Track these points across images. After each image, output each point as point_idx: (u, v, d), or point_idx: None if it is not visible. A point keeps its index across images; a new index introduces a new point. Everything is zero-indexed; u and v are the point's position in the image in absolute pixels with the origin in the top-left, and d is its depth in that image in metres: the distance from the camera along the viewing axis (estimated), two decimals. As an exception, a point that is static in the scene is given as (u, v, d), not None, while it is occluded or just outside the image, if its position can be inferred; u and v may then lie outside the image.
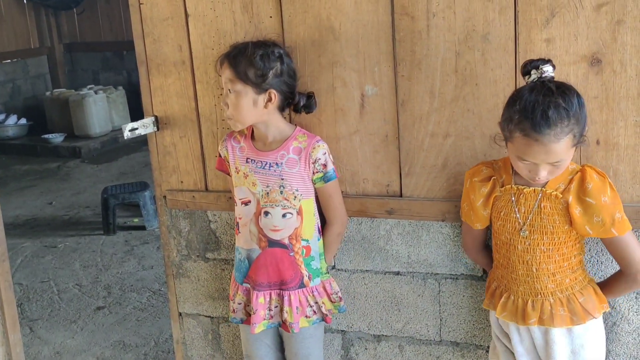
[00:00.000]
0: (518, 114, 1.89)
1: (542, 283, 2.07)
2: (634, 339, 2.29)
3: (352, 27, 2.35)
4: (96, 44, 10.77)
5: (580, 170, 2.02)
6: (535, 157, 1.89)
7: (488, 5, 2.18)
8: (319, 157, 2.34)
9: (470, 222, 2.21)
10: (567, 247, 2.06)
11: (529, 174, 1.95)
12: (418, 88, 2.32)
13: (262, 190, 2.35)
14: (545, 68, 1.93)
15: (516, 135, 1.91)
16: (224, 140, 2.47)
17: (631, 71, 2.09)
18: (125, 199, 5.95)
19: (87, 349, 3.95)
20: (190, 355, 2.97)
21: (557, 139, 1.85)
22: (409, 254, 2.49)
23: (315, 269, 2.41)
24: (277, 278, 2.39)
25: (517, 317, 2.10)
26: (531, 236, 2.05)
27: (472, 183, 2.15)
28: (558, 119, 1.84)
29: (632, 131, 2.13)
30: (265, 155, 2.36)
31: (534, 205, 2.04)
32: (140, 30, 2.65)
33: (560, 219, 2.02)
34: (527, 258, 2.07)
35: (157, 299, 4.53)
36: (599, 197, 1.97)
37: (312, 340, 2.49)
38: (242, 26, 2.49)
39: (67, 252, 5.52)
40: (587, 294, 2.07)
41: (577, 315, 2.05)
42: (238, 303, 2.48)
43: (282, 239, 2.36)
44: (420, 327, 2.55)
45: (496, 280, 2.20)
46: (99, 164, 8.41)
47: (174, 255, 2.86)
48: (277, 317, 2.43)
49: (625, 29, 2.06)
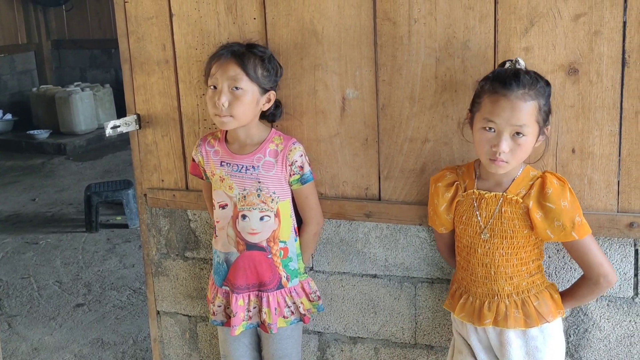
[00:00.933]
0: (490, 80, 1.99)
1: (500, 285, 2.10)
2: (605, 345, 2.32)
3: (334, 31, 2.37)
4: (84, 41, 10.75)
5: (541, 176, 2.05)
6: (501, 114, 1.94)
7: (469, 12, 2.21)
8: (296, 159, 2.35)
9: (435, 226, 2.25)
10: (525, 252, 2.09)
11: (490, 149, 1.97)
12: (398, 93, 2.34)
13: (238, 194, 2.35)
14: (520, 61, 2.03)
15: (484, 99, 1.98)
16: (198, 145, 2.46)
17: (607, 82, 2.12)
18: (108, 196, 5.94)
19: (65, 346, 3.94)
20: (167, 353, 2.97)
21: (523, 98, 1.93)
22: (386, 257, 2.51)
23: (293, 270, 2.43)
24: (256, 280, 2.39)
25: (474, 318, 2.14)
26: (491, 240, 2.08)
27: (436, 188, 2.19)
28: (527, 81, 1.94)
29: (607, 140, 2.16)
30: (241, 159, 2.36)
31: (495, 209, 2.08)
32: (124, 29, 2.66)
33: (520, 223, 2.06)
34: (486, 261, 2.10)
35: (137, 297, 4.53)
36: (558, 202, 2.00)
37: (290, 341, 2.50)
38: (226, 27, 2.50)
39: (49, 249, 5.51)
40: (542, 298, 2.11)
41: (530, 318, 2.09)
42: (218, 306, 2.48)
43: (260, 241, 2.37)
44: (395, 330, 2.57)
45: (457, 282, 2.25)
46: (83, 162, 8.39)
47: (154, 254, 2.86)
48: (256, 318, 2.44)
49: (602, 39, 2.10)
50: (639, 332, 2.27)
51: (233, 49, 2.29)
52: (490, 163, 2.00)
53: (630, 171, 2.16)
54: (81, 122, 9.07)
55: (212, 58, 2.31)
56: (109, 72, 10.57)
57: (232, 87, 2.25)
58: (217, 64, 2.27)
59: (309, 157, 2.46)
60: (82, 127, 9.09)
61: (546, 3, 2.12)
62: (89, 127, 9.18)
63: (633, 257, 2.23)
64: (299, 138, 2.46)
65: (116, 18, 2.67)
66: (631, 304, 2.26)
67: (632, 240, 2.21)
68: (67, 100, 8.97)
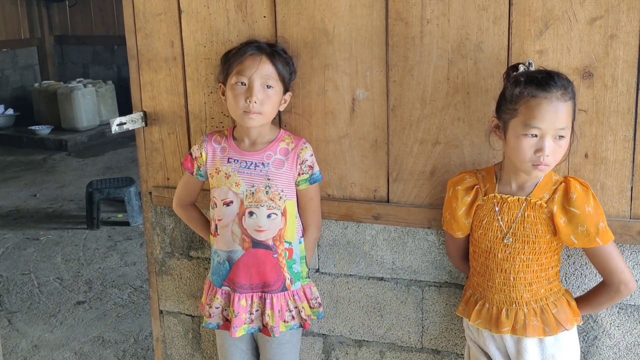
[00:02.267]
0: (523, 84, 1.94)
1: (519, 292, 2.07)
2: (614, 353, 2.29)
3: (345, 31, 2.34)
4: (87, 37, 10.72)
5: (564, 180, 2.03)
6: (545, 118, 1.90)
7: (482, 14, 2.18)
8: (307, 158, 2.34)
9: (452, 230, 2.21)
10: (546, 258, 2.07)
11: (533, 155, 1.93)
12: (409, 94, 2.32)
13: (246, 190, 2.33)
14: (532, 63, 2.02)
15: (522, 104, 1.93)
16: (204, 141, 2.42)
17: (622, 86, 2.09)
18: (110, 194, 5.92)
19: (65, 344, 3.92)
20: (169, 353, 2.94)
21: (563, 98, 1.91)
22: (393, 260, 2.48)
23: (296, 273, 2.40)
24: (260, 280, 2.36)
25: (491, 325, 2.11)
26: (513, 245, 2.05)
27: (455, 191, 2.16)
28: (562, 82, 1.93)
29: (620, 146, 2.14)
30: (251, 155, 2.34)
31: (517, 214, 2.05)
32: (132, 25, 2.64)
33: (543, 228, 2.03)
34: (506, 266, 2.07)
35: (139, 295, 4.51)
36: (583, 207, 1.98)
37: (288, 347, 2.46)
38: (236, 25, 2.47)
39: (49, 245, 5.48)
40: (560, 306, 2.08)
41: (549, 326, 2.06)
42: (216, 307, 2.43)
43: (267, 239, 2.34)
44: (402, 333, 2.54)
45: (471, 288, 2.21)
46: (85, 158, 8.37)
47: (157, 252, 2.84)
48: (258, 322, 2.40)
49: (618, 43, 2.07)
50: (649, 340, 2.25)
51: (260, 46, 2.28)
52: (534, 169, 1.96)
53: (644, 177, 2.14)
54: (83, 118, 9.05)
55: (238, 54, 2.28)
56: (112, 69, 10.55)
57: (264, 85, 2.25)
58: (249, 60, 2.25)
59: (317, 158, 2.43)
60: (84, 124, 9.07)
61: (562, 5, 2.09)
62: (91, 123, 9.15)
63: (645, 265, 2.20)
64: (308, 138, 2.43)
65: (124, 14, 2.64)
66: (642, 311, 2.24)
67: (644, 247, 2.19)
68: (69, 96, 8.94)
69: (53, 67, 10.83)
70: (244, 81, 2.25)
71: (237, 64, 2.27)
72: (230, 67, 2.29)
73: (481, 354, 2.20)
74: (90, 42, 10.70)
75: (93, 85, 9.35)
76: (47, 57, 10.75)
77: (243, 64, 2.26)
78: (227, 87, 2.30)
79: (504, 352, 2.14)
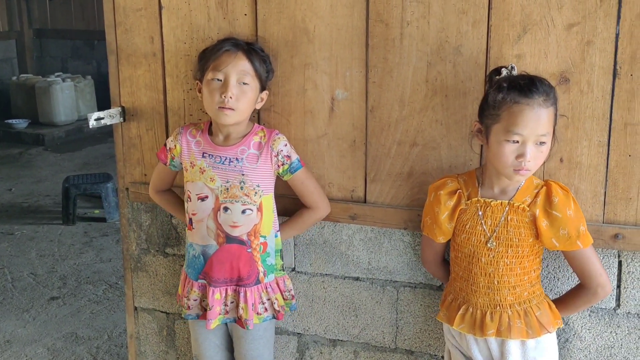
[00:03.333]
0: (505, 90, 1.94)
1: (502, 295, 2.08)
2: (585, 356, 2.32)
3: (326, 30, 2.35)
4: (67, 32, 10.63)
5: (545, 184, 2.05)
6: (527, 125, 1.91)
7: (462, 17, 2.20)
8: (281, 149, 2.33)
9: (433, 235, 2.20)
10: (528, 261, 2.08)
11: (514, 161, 1.94)
12: (388, 95, 2.33)
13: (221, 186, 2.32)
14: (514, 67, 2.03)
15: (504, 110, 1.94)
16: (179, 133, 2.42)
17: (598, 92, 2.12)
18: (87, 189, 5.88)
19: (38, 339, 3.88)
20: (143, 350, 2.93)
21: (545, 104, 1.92)
22: (369, 260, 2.49)
23: (270, 265, 2.40)
24: (234, 274, 2.36)
25: (475, 329, 2.12)
26: (496, 249, 2.06)
27: (437, 196, 2.15)
28: (544, 88, 1.93)
29: (595, 151, 2.16)
30: (225, 151, 2.33)
31: (500, 217, 2.06)
32: (112, 19, 2.62)
33: (526, 231, 2.05)
34: (489, 270, 2.08)
35: (113, 292, 4.48)
36: (564, 211, 2.00)
37: (262, 342, 2.47)
38: (216, 22, 2.47)
39: (24, 240, 5.43)
40: (543, 308, 2.10)
41: (532, 329, 2.07)
42: (193, 299, 2.44)
43: (241, 235, 2.34)
44: (376, 333, 2.55)
45: (453, 292, 2.21)
46: (62, 153, 8.30)
47: (133, 249, 2.83)
48: (233, 313, 2.41)
49: (595, 50, 2.10)
50: (619, 344, 2.28)
51: (237, 42, 2.28)
52: (515, 174, 1.97)
53: (617, 182, 2.16)
54: (61, 113, 8.97)
55: (214, 50, 2.28)
56: (91, 64, 10.47)
57: (240, 81, 2.24)
58: (225, 56, 2.25)
59: (295, 157, 2.43)
60: (62, 118, 8.99)
61: (540, 11, 2.12)
62: (69, 118, 9.08)
63: (617, 269, 2.23)
64: (286, 137, 2.43)
65: (104, 8, 2.62)
66: (613, 315, 2.27)
67: (616, 252, 2.22)
68: (47, 90, 8.87)
69: (32, 61, 10.72)
70: (219, 77, 2.24)
71: (213, 59, 2.26)
72: (206, 63, 2.29)
73: (464, 359, 2.21)
74: (70, 36, 10.61)
75: (72, 80, 9.27)
76: (26, 50, 10.64)
77: (219, 60, 2.25)
78: (203, 83, 2.29)
79: (487, 356, 2.14)
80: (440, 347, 2.47)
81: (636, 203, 2.16)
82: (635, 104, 2.10)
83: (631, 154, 2.13)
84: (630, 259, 2.21)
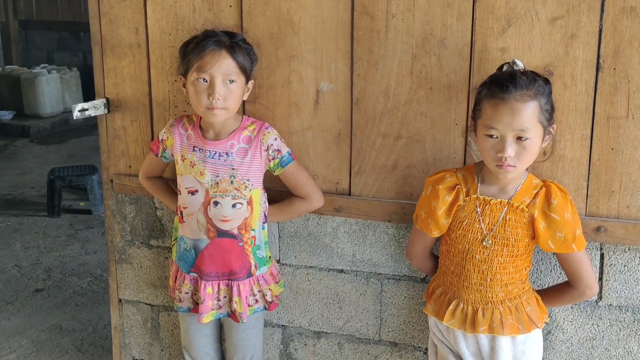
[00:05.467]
0: (487, 85, 1.96)
1: (495, 292, 2.08)
2: (567, 347, 2.34)
3: (311, 23, 2.35)
4: (52, 23, 10.56)
5: (544, 185, 2.05)
6: (500, 119, 1.91)
7: (447, 10, 2.20)
8: (271, 142, 2.33)
9: (428, 229, 2.16)
10: (521, 260, 2.08)
11: (496, 155, 1.94)
12: (373, 88, 2.33)
13: (211, 180, 2.32)
14: (517, 62, 2.02)
15: (484, 104, 1.95)
16: (172, 125, 2.42)
17: (581, 85, 2.13)
18: (72, 181, 5.84)
19: (22, 331, 3.86)
20: (127, 342, 2.93)
21: (522, 99, 1.89)
22: (353, 253, 2.50)
23: (261, 258, 2.41)
24: (226, 268, 2.37)
25: (466, 325, 2.11)
26: (492, 247, 2.06)
27: (435, 190, 2.12)
28: (524, 82, 1.90)
29: (578, 144, 2.17)
30: (214, 145, 2.33)
31: (499, 216, 2.05)
32: (96, 10, 2.61)
33: (523, 232, 2.04)
34: (483, 268, 2.08)
35: (98, 284, 4.46)
36: (562, 214, 2.00)
37: (254, 332, 2.49)
38: (201, 13, 2.46)
39: (9, 232, 5.40)
40: (532, 304, 2.12)
41: (523, 324, 2.09)
42: (185, 292, 2.44)
43: (232, 229, 2.34)
44: (360, 325, 2.56)
45: (442, 286, 2.20)
46: (47, 145, 8.25)
47: (118, 241, 2.82)
48: (226, 307, 2.41)
49: (578, 43, 2.10)
50: (600, 336, 2.30)
51: (220, 40, 2.24)
52: (498, 169, 1.97)
53: (600, 176, 2.18)
54: (46, 104, 8.92)
55: (197, 49, 2.23)
56: (77, 56, 10.41)
57: (226, 80, 2.23)
58: (209, 56, 2.21)
59: (280, 149, 2.43)
60: (48, 110, 8.94)
61: (524, 4, 2.12)
62: (55, 110, 9.03)
63: (599, 261, 2.25)
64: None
65: (89, -1, 2.61)
66: (595, 307, 2.28)
67: (599, 245, 2.23)
68: (32, 82, 8.81)
69: (17, 52, 10.66)
70: (205, 77, 2.22)
71: (196, 59, 2.23)
72: (190, 62, 2.25)
73: (450, 353, 2.21)
74: (56, 27, 10.55)
75: (57, 71, 9.22)
76: (11, 41, 10.57)
77: (203, 60, 2.22)
78: (188, 82, 2.27)
79: (475, 351, 2.14)
80: (424, 339, 2.48)
81: (618, 196, 2.18)
82: (618, 97, 2.11)
83: (614, 148, 2.15)
84: (612, 251, 2.23)
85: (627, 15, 2.06)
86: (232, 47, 2.25)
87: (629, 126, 2.12)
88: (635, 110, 2.11)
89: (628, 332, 2.27)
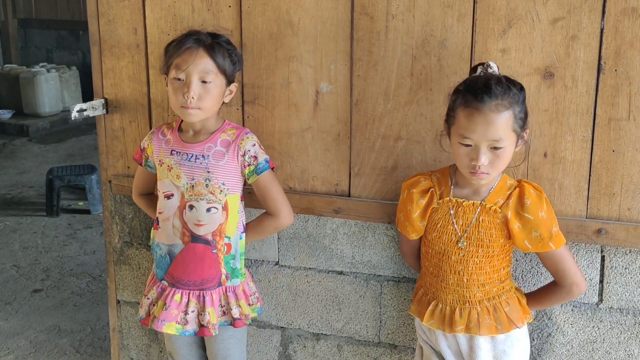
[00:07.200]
0: (462, 92, 1.94)
1: (472, 292, 2.08)
2: (567, 350, 2.33)
3: (311, 23, 2.33)
4: (52, 22, 10.55)
5: (518, 185, 2.04)
6: (475, 130, 1.89)
7: (447, 11, 2.19)
8: (248, 148, 2.27)
9: (406, 232, 2.19)
10: (498, 260, 2.08)
11: (470, 163, 1.93)
12: (373, 89, 2.32)
13: (186, 183, 2.28)
14: (492, 65, 1.99)
15: (458, 112, 1.94)
16: (152, 133, 2.39)
17: (582, 87, 2.12)
18: (71, 181, 5.83)
19: (20, 332, 3.85)
20: (126, 343, 2.92)
21: (497, 109, 1.88)
22: (353, 254, 2.49)
23: (234, 269, 2.34)
24: (198, 277, 2.30)
25: (445, 325, 2.12)
26: (467, 248, 2.06)
27: (409, 194, 2.14)
28: (499, 91, 1.88)
29: (579, 146, 2.16)
30: (191, 147, 2.29)
31: (472, 218, 2.05)
32: (95, 10, 2.60)
33: (497, 233, 2.04)
34: (459, 268, 2.08)
35: (97, 285, 4.45)
36: (537, 213, 2.00)
37: (232, 341, 2.42)
38: (200, 14, 2.45)
39: (7, 232, 5.39)
40: (512, 304, 2.10)
41: (501, 324, 2.08)
42: (147, 299, 2.39)
43: (206, 234, 2.28)
44: (359, 327, 2.55)
45: (424, 287, 2.21)
46: (46, 144, 8.24)
47: (116, 242, 2.81)
48: (193, 324, 2.32)
49: (579, 44, 2.09)
50: (601, 338, 2.28)
51: (199, 38, 2.21)
52: (471, 176, 1.96)
53: (601, 178, 2.17)
54: (45, 104, 8.91)
55: (176, 47, 2.20)
56: (76, 55, 10.40)
57: (202, 80, 2.19)
58: (186, 54, 2.18)
59: (279, 150, 2.42)
60: (46, 109, 8.92)
61: (525, 5, 2.11)
62: (54, 109, 9.01)
63: (599, 264, 2.24)
64: (271, 130, 2.43)
65: (87, -1, 2.60)
66: (595, 310, 2.27)
67: (599, 247, 2.22)
68: (31, 80, 8.79)
69: (16, 51, 10.64)
70: (181, 76, 2.19)
71: (175, 57, 2.20)
72: (169, 59, 2.23)
73: (433, 354, 2.21)
74: (55, 26, 10.53)
75: (57, 70, 9.20)
76: (10, 40, 10.56)
77: (180, 58, 2.18)
78: (168, 80, 2.25)
79: (456, 351, 2.15)
80: (424, 341, 2.48)
81: (619, 198, 2.17)
82: (619, 99, 2.10)
83: (615, 150, 2.14)
84: (613, 254, 2.22)
85: (628, 16, 2.04)
86: (212, 47, 2.20)
87: (630, 128, 2.11)
88: (636, 112, 2.09)
89: (629, 335, 2.26)
